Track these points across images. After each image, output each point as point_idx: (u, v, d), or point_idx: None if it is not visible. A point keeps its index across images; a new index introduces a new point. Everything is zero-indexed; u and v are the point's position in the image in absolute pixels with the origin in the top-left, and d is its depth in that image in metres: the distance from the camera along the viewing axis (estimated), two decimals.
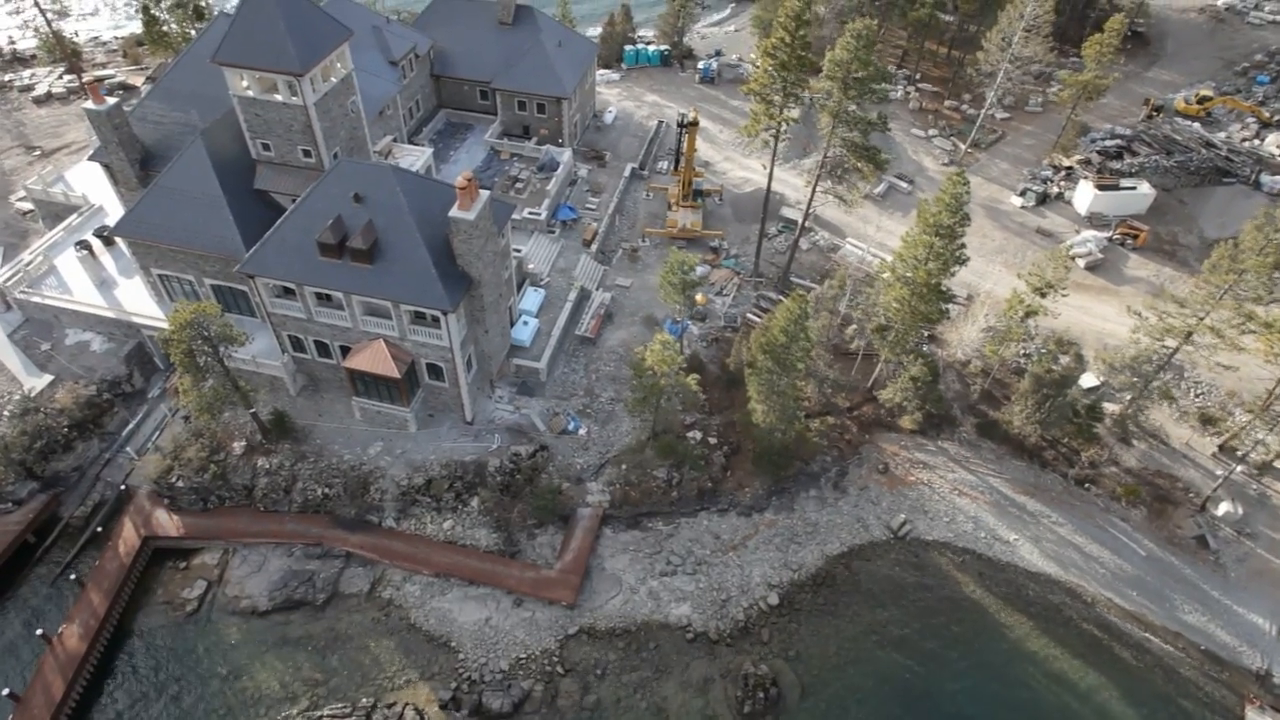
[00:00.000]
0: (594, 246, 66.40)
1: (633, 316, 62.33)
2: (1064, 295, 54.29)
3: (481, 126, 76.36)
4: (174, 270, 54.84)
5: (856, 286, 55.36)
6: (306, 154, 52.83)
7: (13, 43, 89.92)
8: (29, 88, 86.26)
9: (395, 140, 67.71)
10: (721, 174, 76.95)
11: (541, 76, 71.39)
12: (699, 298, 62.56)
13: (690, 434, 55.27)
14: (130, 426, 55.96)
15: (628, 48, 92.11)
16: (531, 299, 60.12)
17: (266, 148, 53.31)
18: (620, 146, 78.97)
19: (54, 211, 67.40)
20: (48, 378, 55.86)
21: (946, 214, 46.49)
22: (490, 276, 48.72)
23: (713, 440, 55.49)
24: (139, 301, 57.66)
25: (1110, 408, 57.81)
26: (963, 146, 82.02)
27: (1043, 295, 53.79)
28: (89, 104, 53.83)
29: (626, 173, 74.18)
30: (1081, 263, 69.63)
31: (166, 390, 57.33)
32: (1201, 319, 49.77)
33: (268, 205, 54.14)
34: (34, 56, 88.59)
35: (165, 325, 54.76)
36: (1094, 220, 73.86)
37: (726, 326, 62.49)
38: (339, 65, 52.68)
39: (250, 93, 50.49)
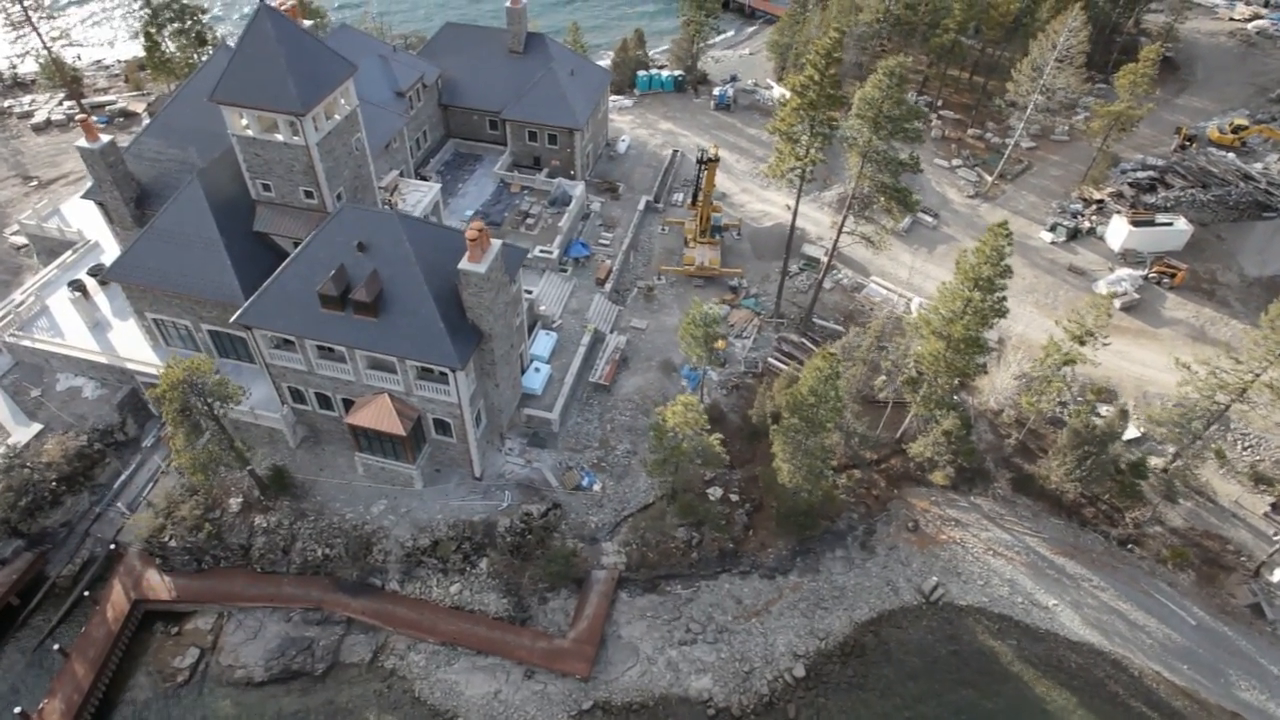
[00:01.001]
0: (608, 285, 63.70)
1: (649, 361, 59.54)
2: (1105, 344, 51.35)
3: (491, 157, 73.92)
4: (169, 315, 52.39)
5: (886, 333, 52.45)
6: (308, 195, 50.34)
7: (14, 67, 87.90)
8: (28, 114, 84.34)
9: (402, 174, 65.30)
10: (739, 206, 74.28)
11: (553, 107, 68.93)
12: (719, 343, 59.66)
13: (710, 490, 52.40)
14: (123, 478, 53.37)
15: (641, 73, 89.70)
16: (543, 343, 57.43)
17: (267, 188, 50.84)
18: (634, 177, 76.41)
19: (49, 247, 65.02)
20: (36, 427, 53.31)
21: (987, 266, 43.64)
22: (501, 328, 46.04)
23: (734, 497, 52.60)
24: (133, 345, 55.11)
25: (1154, 461, 54.71)
26: (989, 178, 79.22)
27: (1081, 343, 50.91)
28: (82, 142, 51.48)
29: (641, 206, 71.56)
30: (1117, 303, 66.53)
31: (161, 439, 54.68)
32: (1258, 375, 46.76)
33: (268, 248, 51.64)
34: (34, 82, 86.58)
35: (159, 372, 52.77)
36: (1128, 257, 70.91)
37: (747, 372, 59.65)
38: (343, 102, 50.22)
39: (250, 132, 48.05)
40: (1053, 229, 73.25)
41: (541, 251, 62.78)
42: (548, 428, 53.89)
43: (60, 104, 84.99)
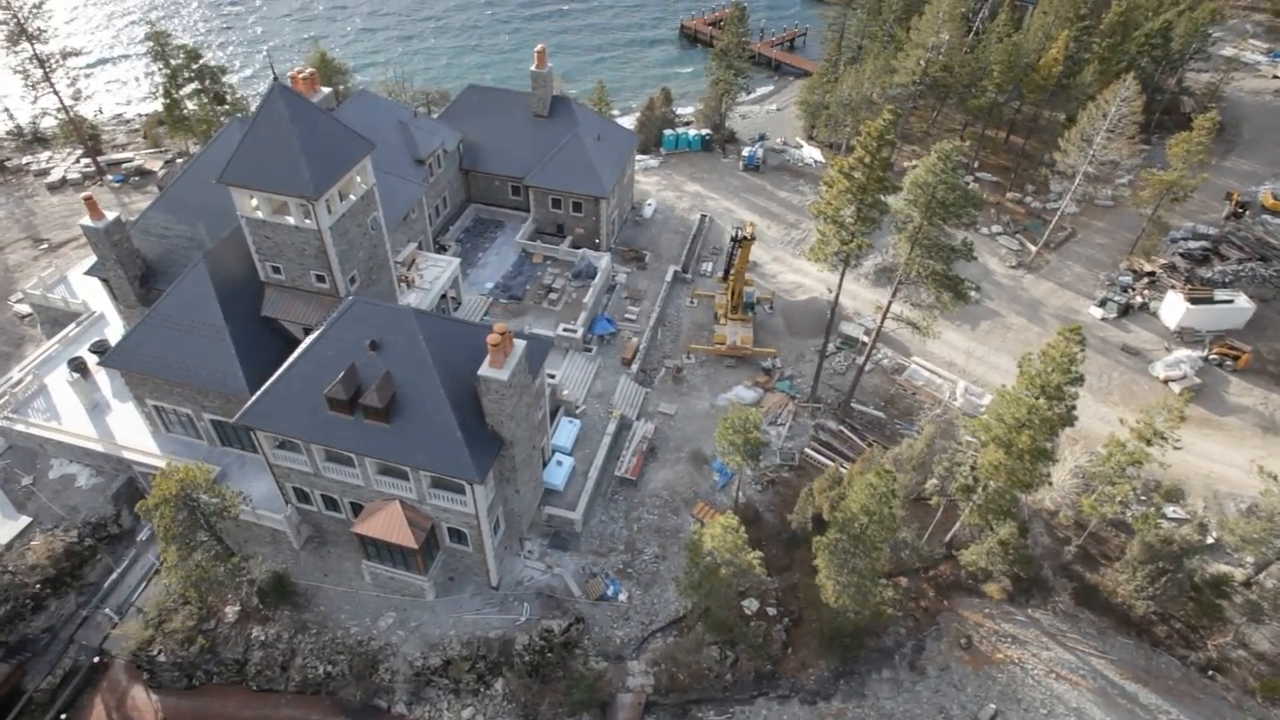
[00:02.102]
0: (634, 366, 60.13)
1: (678, 452, 55.67)
2: (1177, 447, 47.04)
3: (513, 224, 71.03)
4: (170, 403, 49.31)
5: (937, 431, 48.32)
6: (320, 279, 47.32)
7: (34, 122, 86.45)
8: (45, 172, 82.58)
9: (420, 247, 62.42)
10: (771, 278, 70.83)
11: (579, 174, 66.08)
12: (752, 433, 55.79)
13: (746, 601, 48.13)
14: (114, 576, 49.84)
15: (667, 132, 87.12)
16: (566, 432, 53.76)
17: (276, 270, 47.92)
18: (660, 244, 73.25)
19: (53, 317, 62.46)
20: (25, 520, 49.98)
21: (1058, 373, 39.68)
22: (524, 432, 42.43)
23: (771, 609, 48.31)
24: (133, 431, 51.99)
25: (1232, 571, 50.00)
26: (1032, 246, 75.47)
27: (1149, 444, 46.65)
28: (86, 220, 48.87)
29: (668, 276, 68.22)
30: (1176, 388, 62.24)
31: (156, 534, 51.13)
32: None
33: (276, 334, 48.59)
34: (54, 137, 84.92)
35: (158, 464, 49.48)
36: (1185, 336, 66.67)
37: (783, 465, 55.61)
38: (359, 180, 47.38)
39: (259, 214, 45.23)
40: (1103, 304, 69.25)
41: (565, 330, 59.39)
42: (570, 528, 49.99)
43: (77, 161, 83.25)
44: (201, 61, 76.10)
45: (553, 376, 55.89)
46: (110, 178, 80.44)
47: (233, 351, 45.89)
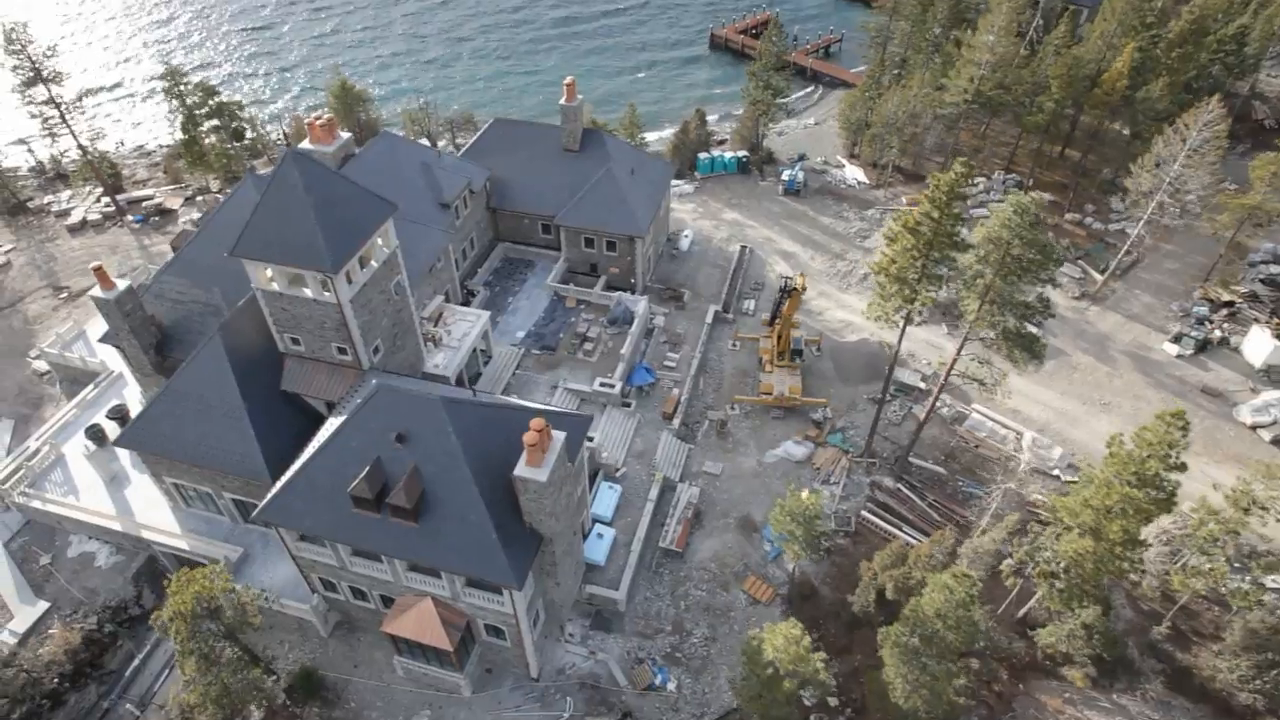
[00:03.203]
0: (676, 421, 56.50)
1: (725, 518, 52.01)
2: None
3: (544, 263, 67.63)
4: (190, 481, 46.70)
5: (1016, 523, 44.00)
6: (342, 351, 44.26)
7: (55, 159, 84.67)
8: (65, 213, 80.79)
9: (447, 297, 59.28)
10: (817, 315, 66.69)
11: (613, 212, 62.45)
12: (805, 495, 51.94)
13: (804, 690, 44.33)
14: (135, 663, 47.44)
15: (702, 155, 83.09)
16: (606, 499, 50.36)
17: (295, 341, 44.94)
18: (699, 280, 69.43)
19: (71, 376, 60.44)
20: (43, 606, 47.77)
21: (1156, 461, 35.35)
22: (565, 524, 39.06)
23: (832, 700, 44.52)
24: (152, 505, 49.54)
25: None
26: (1095, 274, 70.45)
27: (1245, 511, 42.11)
28: (96, 290, 46.28)
29: (709, 318, 64.41)
30: (1265, 435, 57.28)
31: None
32: None
33: (297, 409, 45.70)
34: (74, 173, 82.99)
35: (179, 544, 47.02)
36: (1273, 375, 61.45)
37: (839, 530, 51.68)
38: (380, 243, 44.17)
39: (275, 287, 42.20)
40: (1177, 339, 64.17)
41: (601, 385, 55.90)
42: (613, 607, 46.62)
43: (98, 200, 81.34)
44: (218, 99, 73.50)
45: (591, 439, 52.39)
46: (130, 218, 78.42)
47: (251, 432, 43.10)
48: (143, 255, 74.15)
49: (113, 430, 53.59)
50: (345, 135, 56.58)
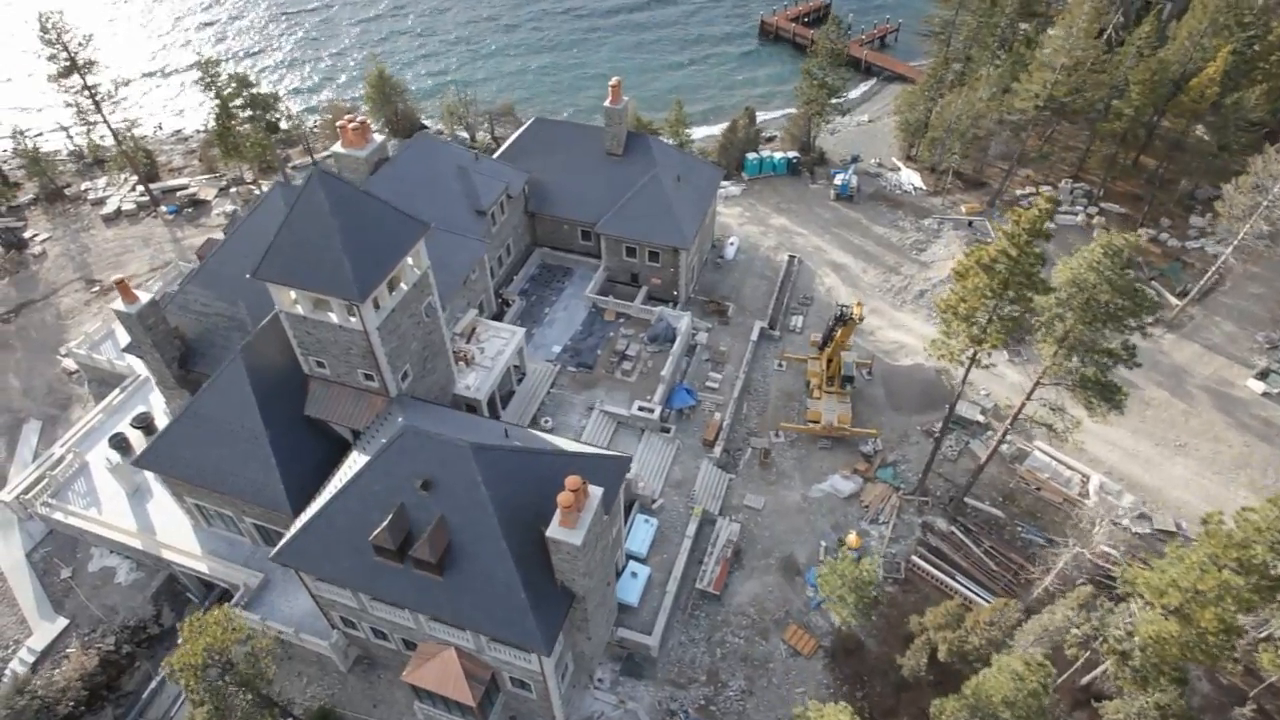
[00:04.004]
0: (717, 448, 53.49)
1: (767, 558, 49.07)
2: None
3: (582, 271, 64.68)
4: (210, 503, 45.02)
5: (1089, 597, 40.22)
6: (368, 377, 41.93)
7: (94, 147, 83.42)
8: (101, 201, 79.71)
9: (480, 310, 56.72)
10: (869, 334, 62.90)
11: (656, 221, 59.17)
12: (852, 538, 48.84)
13: None
14: (153, 685, 46.17)
15: (750, 156, 79.10)
16: (641, 534, 47.74)
17: (320, 364, 42.70)
18: (744, 291, 65.95)
19: (98, 377, 59.24)
20: (61, 623, 46.77)
21: (1267, 551, 31.53)
22: (599, 580, 36.46)
23: None
24: (173, 522, 48.09)
25: None
26: (1173, 299, 65.47)
27: None
28: (118, 304, 44.47)
29: (754, 334, 61.01)
30: None
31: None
32: None
33: (321, 435, 43.60)
34: (111, 160, 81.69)
35: (198, 566, 45.47)
36: None
37: (888, 577, 48.44)
38: (410, 263, 41.54)
39: (299, 310, 39.87)
40: (1264, 376, 59.30)
41: (640, 409, 53.01)
42: (645, 652, 44.12)
43: (133, 189, 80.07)
44: (253, 90, 71.33)
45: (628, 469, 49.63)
46: (164, 209, 77.02)
47: (272, 460, 41.10)
48: (175, 249, 72.74)
49: (136, 439, 52.39)
50: (378, 139, 54.02)
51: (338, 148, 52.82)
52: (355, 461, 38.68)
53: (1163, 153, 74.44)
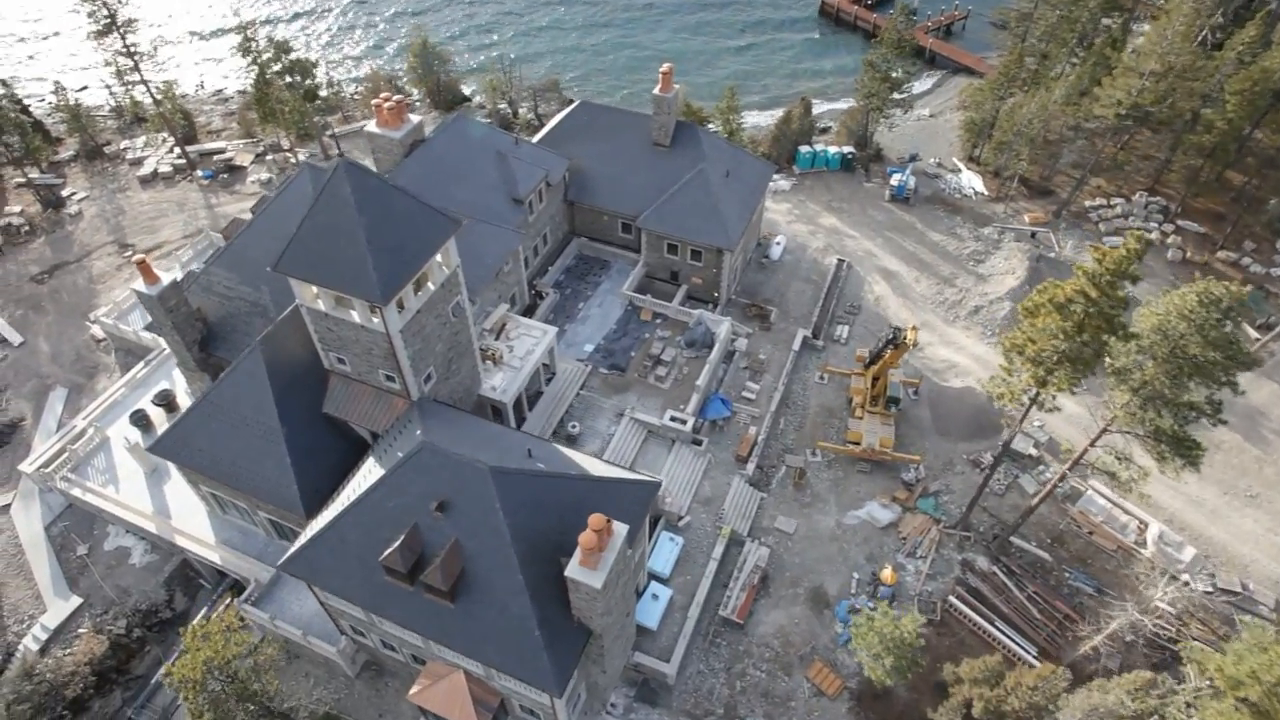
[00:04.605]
0: (750, 465, 51.00)
1: (795, 587, 46.69)
2: None
3: (620, 264, 62.08)
4: (226, 494, 43.79)
5: (1151, 682, 37.09)
6: (390, 378, 40.04)
7: (132, 100, 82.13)
8: (139, 161, 78.68)
9: (513, 303, 54.54)
10: (917, 350, 59.50)
11: (701, 219, 56.21)
12: (887, 574, 46.26)
13: None
14: (163, 670, 45.38)
15: (803, 149, 75.32)
16: (665, 553, 45.65)
17: (341, 361, 40.91)
18: (789, 295, 62.82)
19: (125, 347, 58.38)
20: (75, 601, 46.24)
21: None
22: (618, 616, 34.42)
23: None
24: (189, 507, 47.06)
25: None
26: (1253, 332, 60.96)
27: None
28: (139, 285, 43.02)
29: (797, 343, 58.03)
30: None
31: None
32: None
33: (339, 434, 42.01)
34: (150, 119, 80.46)
35: (211, 556, 44.45)
36: None
37: (922, 618, 45.56)
38: (439, 261, 39.28)
39: (321, 305, 37.97)
40: None
41: (673, 419, 50.62)
42: (662, 679, 42.24)
43: (170, 151, 78.90)
44: (291, 55, 69.25)
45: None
46: (200, 173, 75.75)
47: (287, 460, 39.59)
48: (208, 216, 71.52)
49: (158, 417, 51.51)
50: (415, 119, 51.67)
51: (372, 126, 50.62)
52: (371, 470, 36.96)
53: (1253, 169, 69.24)
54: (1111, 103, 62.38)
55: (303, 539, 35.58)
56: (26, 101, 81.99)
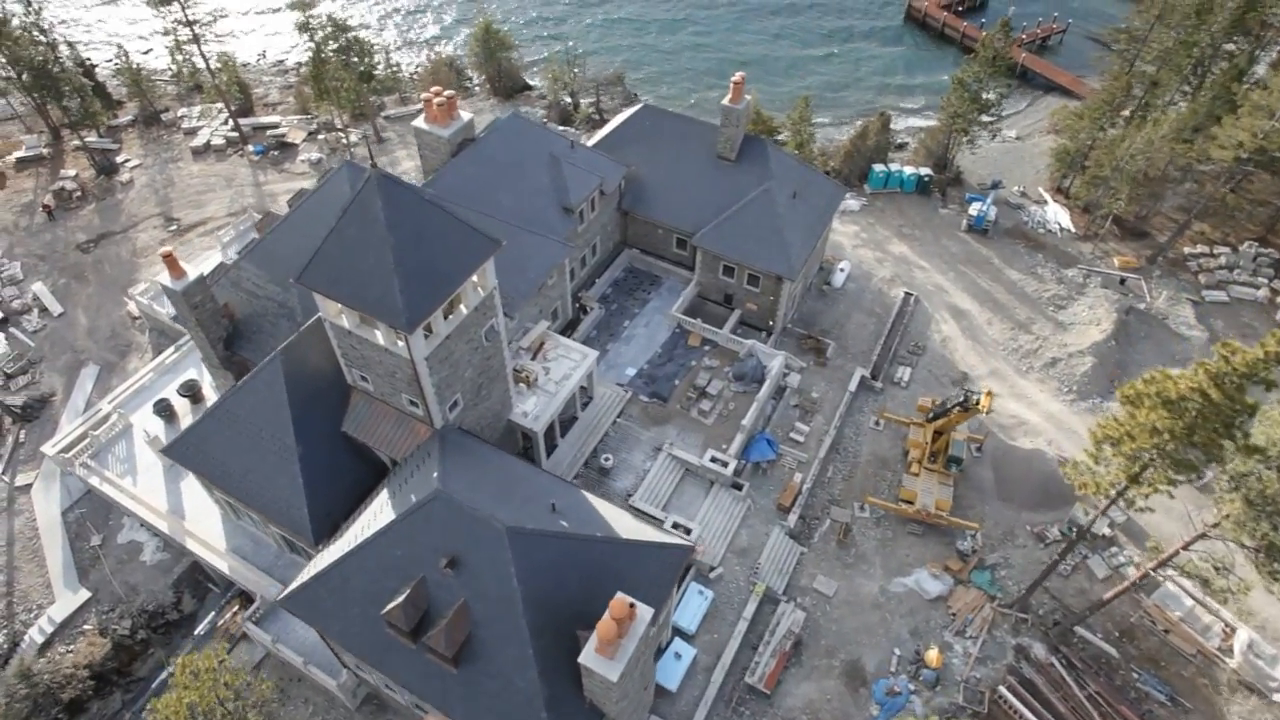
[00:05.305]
0: (793, 516, 47.34)
1: (830, 658, 43.04)
2: None
3: (672, 282, 58.57)
4: (238, 502, 41.80)
5: None
6: (413, 403, 37.37)
7: (195, 72, 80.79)
8: (193, 131, 77.58)
9: (555, 318, 51.57)
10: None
11: (763, 244, 52.31)
12: (932, 655, 42.32)
13: None
14: (164, 675, 43.97)
15: (877, 167, 70.47)
16: (693, 608, 42.42)
17: (364, 379, 38.36)
18: (848, 328, 58.60)
19: (159, 328, 57.07)
20: (84, 595, 45.08)
21: None
22: (634, 698, 31.29)
23: None
24: (204, 509, 45.38)
25: None
26: None
27: None
28: (165, 278, 41.02)
29: (853, 383, 53.94)
30: None
31: (216, 630, 44.88)
32: None
33: (356, 455, 39.55)
34: (207, 90, 79.23)
35: (220, 564, 42.68)
36: None
37: (966, 708, 41.79)
38: (475, 281, 36.29)
39: (344, 323, 35.34)
40: None
41: (713, 460, 47.16)
42: None
43: (225, 123, 77.56)
44: (350, 34, 66.88)
45: (688, 532, 44.23)
46: (251, 148, 74.22)
47: (300, 480, 37.29)
48: (254, 194, 69.95)
49: (182, 408, 50.02)
50: (466, 116, 48.76)
51: (420, 122, 47.87)
52: (383, 507, 34.34)
53: None
54: (1232, 144, 56.28)
55: (305, 574, 33.21)
56: (94, 63, 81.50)
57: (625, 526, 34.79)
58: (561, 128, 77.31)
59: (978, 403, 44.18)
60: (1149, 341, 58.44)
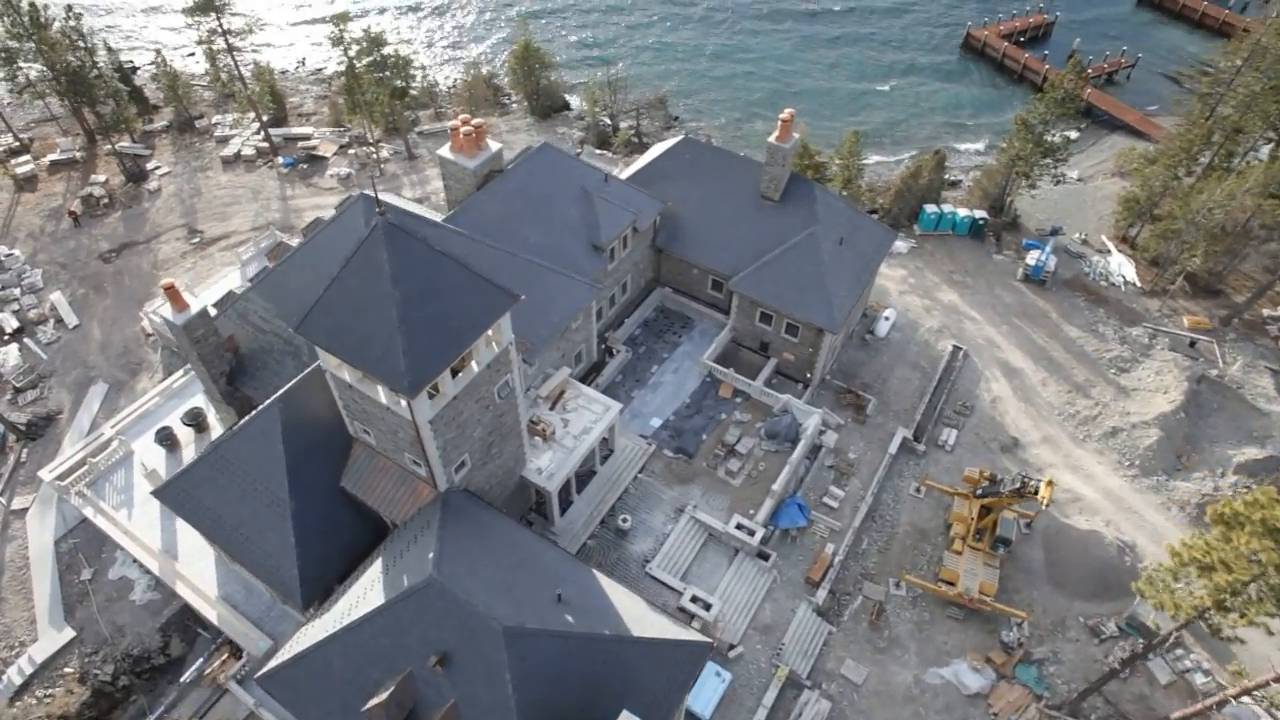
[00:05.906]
0: (821, 592, 43.66)
1: None
2: None
3: (705, 325, 55.31)
4: (228, 556, 39.28)
5: None
6: (416, 464, 34.53)
7: (231, 79, 79.56)
8: (225, 140, 76.28)
9: (577, 362, 48.56)
10: (1035, 470, 50.61)
11: (804, 292, 48.85)
12: None
13: None
14: None
15: (928, 208, 66.53)
16: (708, 691, 38.98)
17: (366, 431, 35.64)
18: (891, 383, 54.79)
19: (171, 346, 55.19)
20: (68, 634, 42.85)
21: None
22: None
23: None
24: (198, 550, 43.03)
25: None
26: None
27: None
28: (166, 311, 38.82)
29: (894, 444, 50.16)
30: None
31: (204, 678, 42.42)
32: None
33: (354, 512, 36.81)
34: (242, 99, 77.92)
35: (209, 611, 40.22)
36: None
37: None
38: (489, 336, 33.38)
39: (345, 376, 32.63)
40: None
41: (739, 528, 43.69)
42: None
43: (257, 133, 76.12)
44: (384, 49, 64.88)
45: (707, 608, 40.81)
46: (280, 159, 72.59)
47: (291, 539, 34.68)
48: (280, 209, 68.19)
49: (185, 437, 47.91)
50: (494, 147, 46.17)
51: (445, 151, 45.39)
52: (376, 580, 31.47)
53: None
54: None
55: (286, 652, 30.45)
56: (134, 65, 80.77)
57: (637, 617, 31.48)
58: (599, 150, 74.65)
59: (1036, 491, 40.20)
60: (1222, 414, 53.68)
